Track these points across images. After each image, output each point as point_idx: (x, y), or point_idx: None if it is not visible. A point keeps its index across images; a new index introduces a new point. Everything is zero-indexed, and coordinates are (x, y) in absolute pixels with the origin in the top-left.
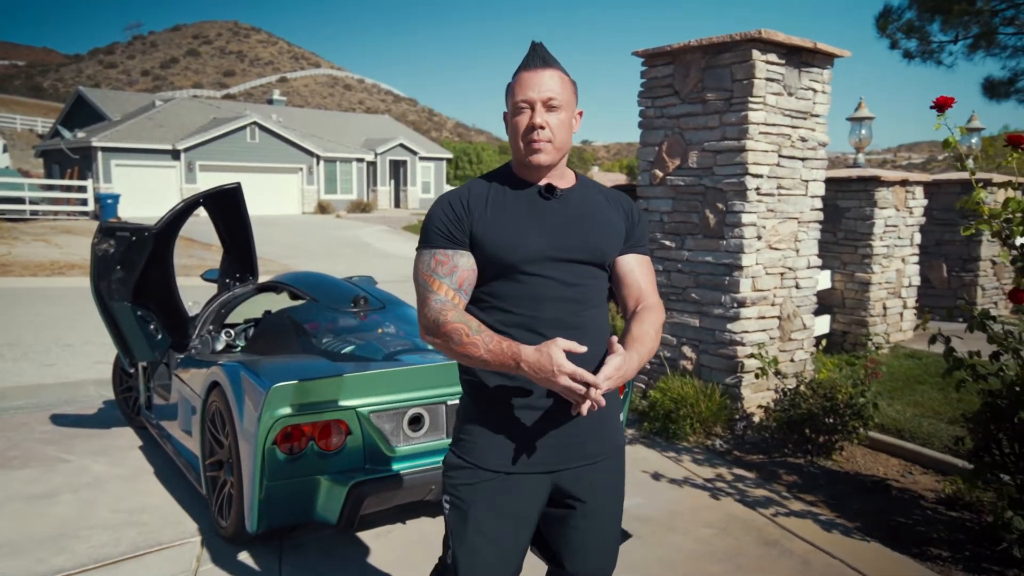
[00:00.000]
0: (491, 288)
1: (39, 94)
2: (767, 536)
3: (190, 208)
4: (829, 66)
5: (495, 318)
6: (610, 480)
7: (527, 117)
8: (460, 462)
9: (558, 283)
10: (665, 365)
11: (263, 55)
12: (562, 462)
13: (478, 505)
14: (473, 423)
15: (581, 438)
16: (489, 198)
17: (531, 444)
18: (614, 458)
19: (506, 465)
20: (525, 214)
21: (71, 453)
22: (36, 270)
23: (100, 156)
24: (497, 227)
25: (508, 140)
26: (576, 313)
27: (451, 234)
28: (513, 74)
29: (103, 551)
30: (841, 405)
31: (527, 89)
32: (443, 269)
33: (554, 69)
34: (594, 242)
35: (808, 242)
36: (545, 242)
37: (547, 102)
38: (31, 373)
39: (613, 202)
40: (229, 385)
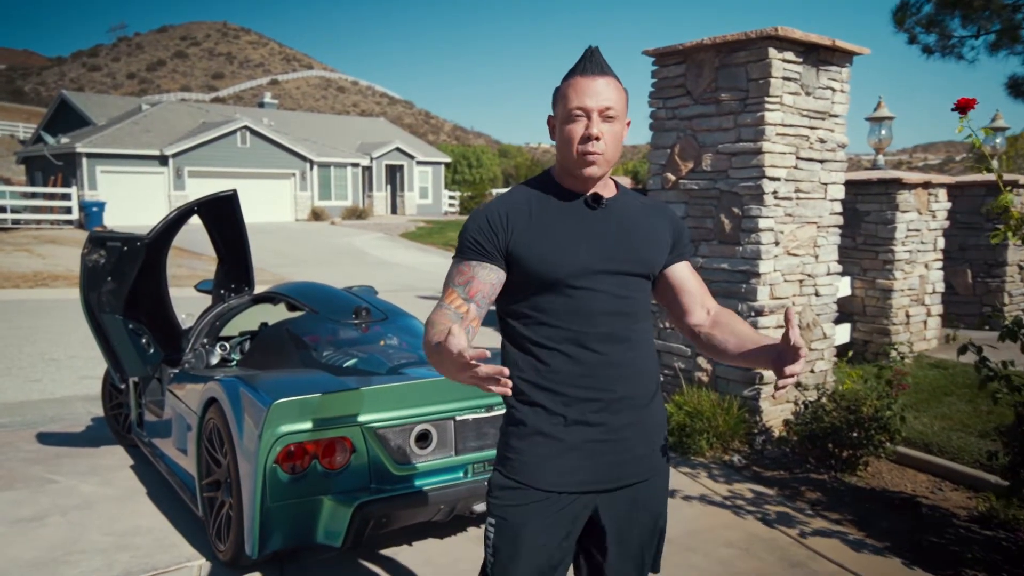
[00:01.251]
0: (536, 302)
1: (20, 98)
2: (792, 557)
3: (184, 217)
4: (848, 64)
5: (542, 334)
6: (655, 499)
7: (583, 126)
8: (509, 482)
9: (608, 296)
10: (680, 377)
11: (253, 57)
12: (611, 481)
13: (530, 526)
14: (521, 440)
15: (630, 455)
16: (532, 210)
17: (582, 463)
18: (660, 477)
19: (559, 484)
20: (571, 226)
21: (59, 473)
22: (19, 281)
23: (85, 162)
24: (543, 240)
25: (557, 146)
26: (627, 326)
27: (481, 247)
28: (565, 77)
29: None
30: (866, 418)
31: (584, 96)
32: (460, 279)
33: (611, 77)
34: (642, 253)
35: (827, 247)
36: (594, 255)
37: (604, 112)
38: (15, 389)
39: (655, 211)
40: (227, 401)
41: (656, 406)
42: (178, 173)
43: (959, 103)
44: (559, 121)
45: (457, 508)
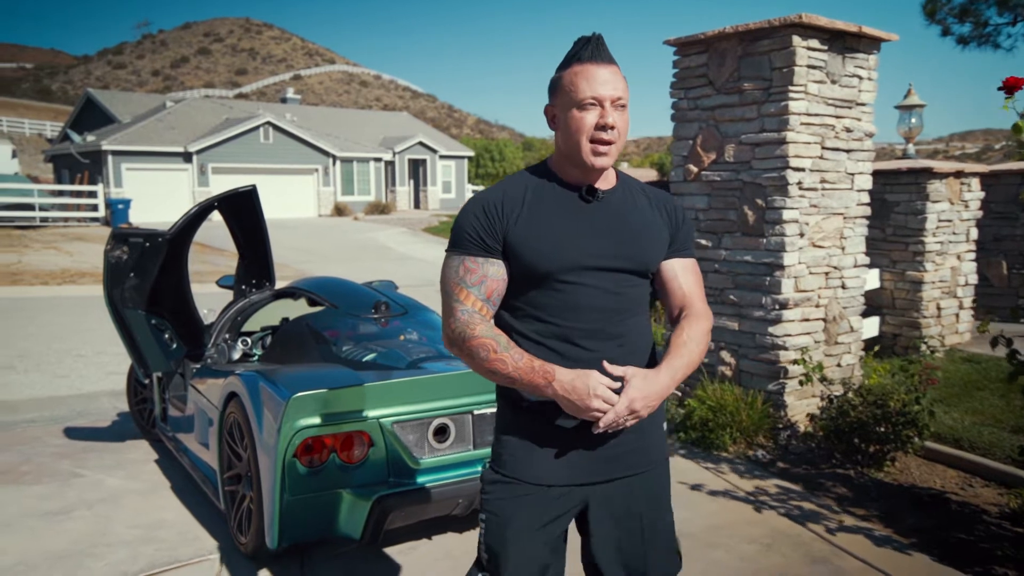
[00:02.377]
0: (527, 296)
1: (48, 97)
2: (816, 553)
3: (204, 212)
4: (875, 51)
5: (531, 328)
6: (655, 490)
7: (596, 115)
8: (499, 476)
9: (598, 291)
10: (703, 371)
11: (276, 52)
12: (602, 474)
13: (518, 519)
14: (511, 435)
15: (623, 449)
16: (526, 200)
17: (572, 456)
18: (656, 471)
19: (547, 478)
20: (565, 219)
21: (85, 467)
22: (47, 279)
23: (110, 160)
24: (535, 233)
25: (561, 136)
26: (617, 323)
27: (483, 240)
28: (567, 65)
29: (120, 568)
30: (893, 413)
31: (596, 85)
32: (472, 278)
33: (617, 66)
34: (637, 250)
35: (855, 239)
36: (585, 250)
37: (616, 101)
38: (43, 385)
39: (656, 204)
40: (247, 395)
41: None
42: (202, 169)
43: (1007, 82)
44: (566, 110)
45: (475, 502)
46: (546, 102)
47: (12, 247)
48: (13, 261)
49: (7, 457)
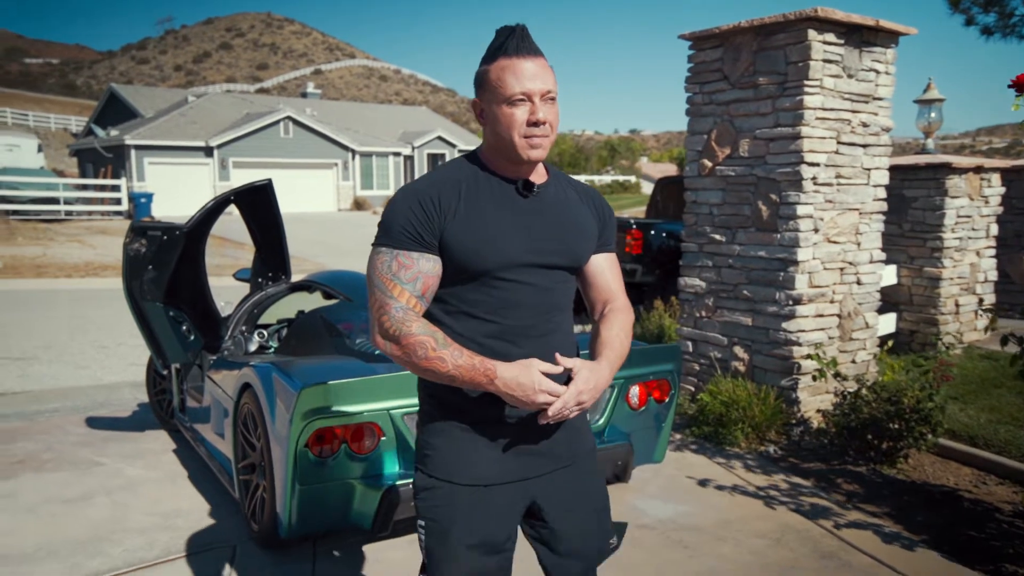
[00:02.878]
0: (460, 292)
1: (73, 92)
2: (824, 548)
3: (221, 206)
4: (893, 45)
5: (463, 325)
6: (588, 478)
7: (526, 111)
8: (432, 481)
9: (533, 289)
10: (716, 366)
11: (297, 47)
12: (535, 468)
13: (458, 524)
14: (438, 436)
15: (552, 443)
16: (463, 195)
17: (502, 453)
18: (586, 460)
19: (481, 477)
20: (502, 215)
21: (105, 456)
22: (71, 271)
23: (133, 154)
24: (472, 229)
25: (491, 131)
26: (548, 319)
27: (419, 235)
28: (492, 59)
29: (137, 555)
30: (907, 409)
31: (525, 80)
32: (406, 274)
33: (543, 57)
34: (571, 246)
35: (870, 235)
36: (523, 247)
37: (545, 95)
38: (66, 375)
39: (585, 199)
40: (261, 386)
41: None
42: (223, 164)
43: (1016, 80)
44: (494, 105)
45: None
46: (579, 98)
47: (38, 240)
48: (39, 254)
49: (30, 445)
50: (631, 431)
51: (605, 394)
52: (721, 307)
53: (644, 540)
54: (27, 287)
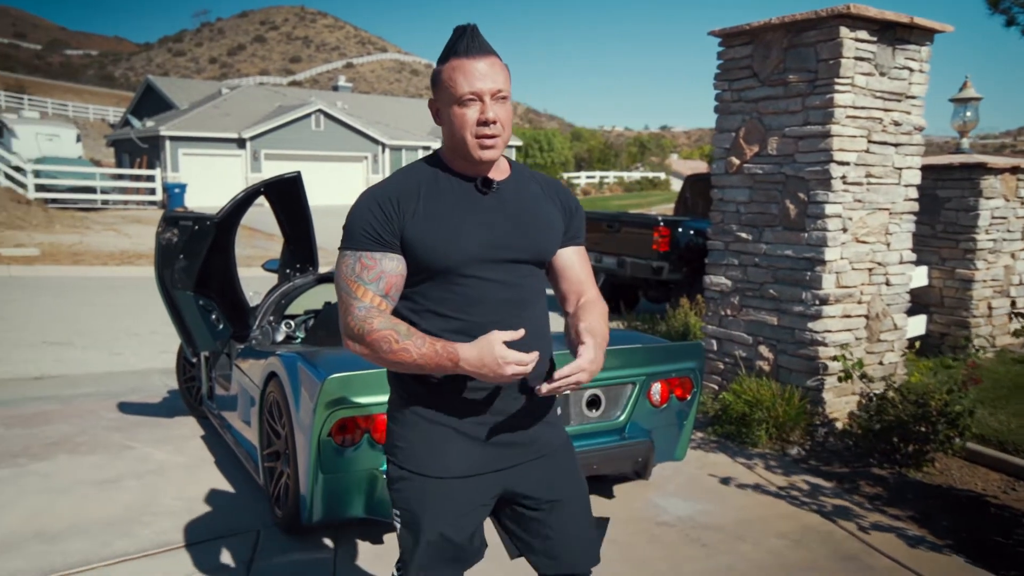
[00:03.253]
0: (424, 290)
1: (111, 83)
2: (845, 550)
3: (251, 197)
4: (928, 42)
5: (431, 323)
6: (566, 473)
7: (477, 110)
8: (403, 472)
9: (497, 285)
10: (740, 365)
11: (329, 40)
12: (506, 460)
13: (429, 515)
14: (409, 429)
15: (523, 434)
16: (421, 194)
17: (473, 446)
18: (562, 452)
19: (450, 470)
20: (461, 212)
21: (136, 441)
22: (106, 259)
23: (168, 145)
24: (431, 228)
25: (446, 131)
26: (516, 314)
27: (379, 235)
28: (444, 59)
29: (164, 537)
30: (934, 412)
31: (475, 80)
32: (368, 274)
33: (495, 56)
34: (534, 240)
35: (901, 235)
36: (483, 243)
37: (496, 94)
38: (100, 361)
39: (550, 193)
40: (286, 376)
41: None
42: (255, 155)
43: None
44: (447, 105)
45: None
46: (609, 94)
47: (75, 228)
48: (76, 241)
49: (65, 428)
50: (652, 428)
51: (627, 390)
52: (747, 306)
53: (663, 537)
54: (64, 274)
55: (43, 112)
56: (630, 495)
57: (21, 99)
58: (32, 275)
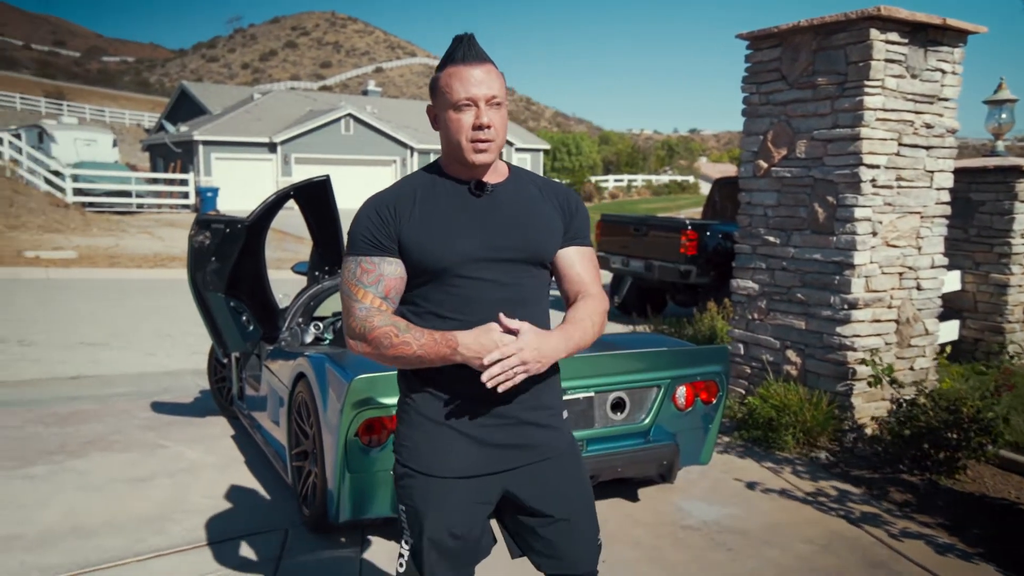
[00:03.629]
0: (424, 292)
1: (146, 89)
2: (873, 557)
3: (280, 201)
4: (961, 44)
5: (432, 324)
6: (571, 478)
7: (472, 115)
8: (407, 470)
9: (493, 284)
10: (768, 370)
11: (359, 45)
12: (510, 462)
13: (432, 512)
14: (413, 429)
15: (526, 438)
16: (417, 199)
17: (476, 447)
18: (568, 456)
19: (453, 470)
20: (456, 215)
21: (168, 440)
22: (141, 262)
23: (201, 149)
24: (427, 230)
25: (443, 136)
26: (514, 313)
27: (377, 240)
28: (442, 67)
29: (195, 534)
30: (966, 419)
31: (470, 86)
32: (368, 278)
33: (490, 64)
34: (529, 240)
35: (932, 239)
36: (477, 243)
37: (490, 100)
38: (134, 362)
39: (548, 195)
40: (314, 376)
41: (549, 388)
42: (285, 160)
43: None
44: (444, 111)
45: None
46: (638, 97)
47: (111, 231)
48: (112, 244)
49: (100, 427)
50: (677, 431)
51: (652, 393)
52: (774, 310)
53: (688, 540)
54: (101, 276)
55: (81, 118)
56: (655, 498)
57: (60, 105)
58: (69, 277)
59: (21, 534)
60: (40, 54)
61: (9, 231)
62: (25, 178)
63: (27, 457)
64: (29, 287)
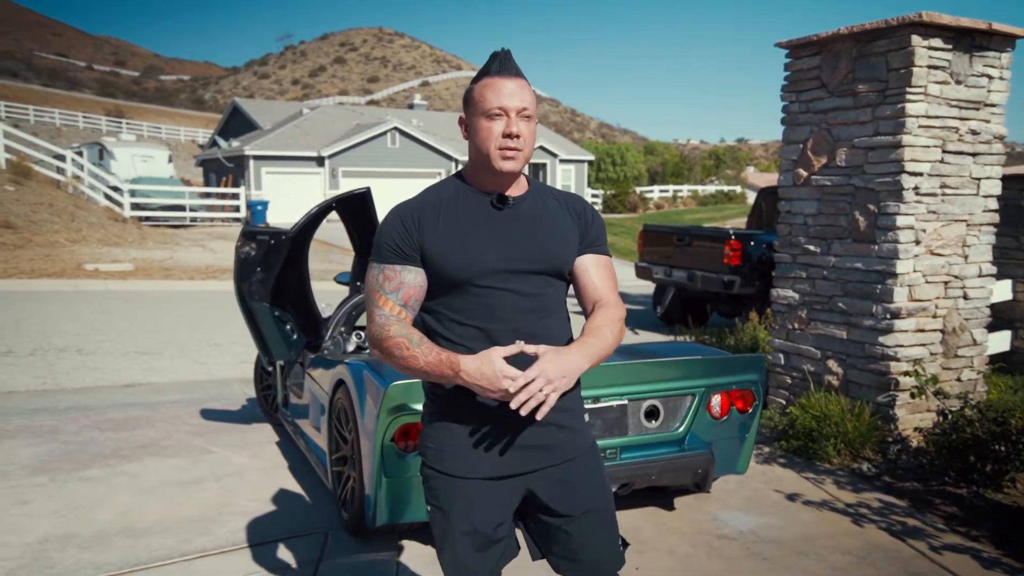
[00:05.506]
0: (446, 301)
1: (201, 106)
2: (914, 570)
3: (323, 212)
4: (1009, 48)
5: (453, 331)
6: (592, 479)
7: (503, 124)
8: (432, 472)
9: (514, 295)
10: (809, 380)
11: (406, 60)
12: (531, 464)
13: (456, 513)
14: (438, 430)
15: (548, 439)
16: (441, 210)
17: (498, 449)
18: (587, 456)
19: (477, 471)
20: (477, 227)
21: (216, 445)
22: (194, 274)
23: (252, 164)
24: (449, 241)
25: (473, 144)
26: (534, 322)
27: (400, 249)
28: (477, 79)
29: (240, 535)
30: (1014, 431)
31: (503, 96)
32: (390, 285)
33: (524, 79)
34: (548, 252)
35: (980, 247)
36: (498, 255)
37: (521, 112)
38: (185, 370)
39: (565, 206)
40: (353, 383)
41: (568, 394)
42: (333, 173)
43: None
44: (475, 118)
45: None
46: (683, 106)
47: (166, 244)
48: (166, 257)
49: (152, 433)
50: (713, 440)
51: (686, 401)
52: (815, 319)
53: (723, 550)
54: (155, 288)
55: (139, 135)
56: (691, 507)
57: (120, 123)
58: (126, 289)
59: (76, 532)
60: (101, 74)
61: (71, 244)
62: (86, 194)
63: (83, 460)
64: (89, 298)
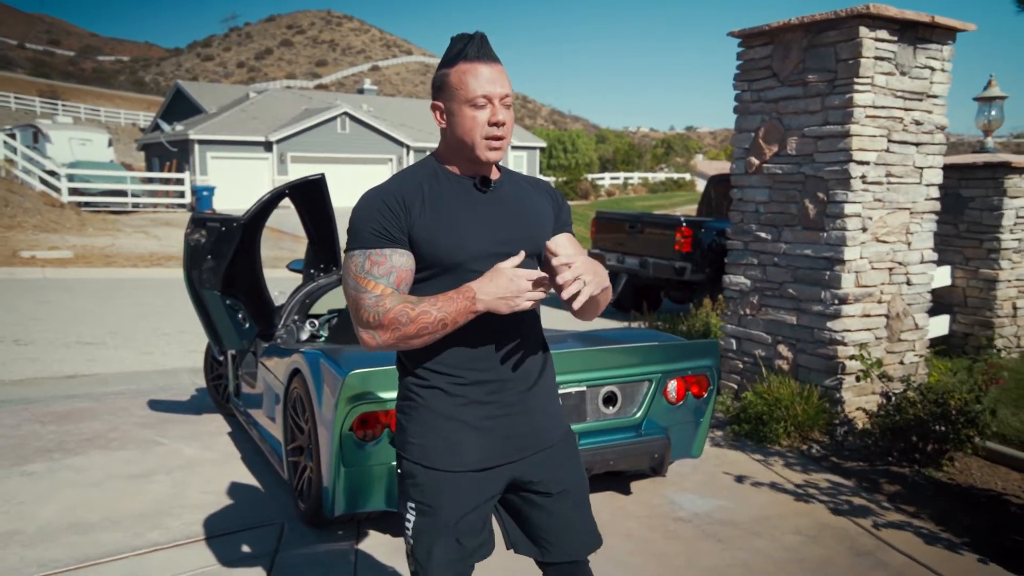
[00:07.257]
0: (433, 285)
1: (141, 88)
2: (860, 546)
3: (276, 199)
4: (950, 42)
5: None
6: (570, 461)
7: (488, 113)
8: (417, 468)
9: None
10: (760, 365)
11: (355, 44)
12: (516, 452)
13: (445, 508)
14: (422, 425)
15: (531, 427)
16: (425, 195)
17: (484, 439)
18: (567, 441)
19: (466, 463)
20: (464, 210)
21: (165, 437)
22: (137, 261)
23: (196, 148)
24: (438, 226)
25: (452, 131)
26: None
27: (388, 232)
28: (453, 62)
29: (193, 529)
30: (953, 412)
31: (486, 83)
32: (379, 269)
33: (501, 64)
34: (532, 233)
35: (922, 235)
36: (488, 238)
37: (503, 99)
38: (131, 360)
39: (538, 189)
40: (309, 372)
41: (547, 377)
42: (281, 158)
43: None
44: (456, 106)
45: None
46: (633, 95)
47: (107, 231)
48: (107, 244)
49: (97, 425)
50: (669, 425)
51: (643, 387)
52: (766, 305)
53: (679, 532)
54: (97, 275)
55: (76, 117)
56: (648, 491)
57: (55, 105)
58: (65, 277)
59: (20, 530)
60: (35, 53)
61: (4, 231)
62: (20, 178)
63: (25, 455)
64: (25, 287)
